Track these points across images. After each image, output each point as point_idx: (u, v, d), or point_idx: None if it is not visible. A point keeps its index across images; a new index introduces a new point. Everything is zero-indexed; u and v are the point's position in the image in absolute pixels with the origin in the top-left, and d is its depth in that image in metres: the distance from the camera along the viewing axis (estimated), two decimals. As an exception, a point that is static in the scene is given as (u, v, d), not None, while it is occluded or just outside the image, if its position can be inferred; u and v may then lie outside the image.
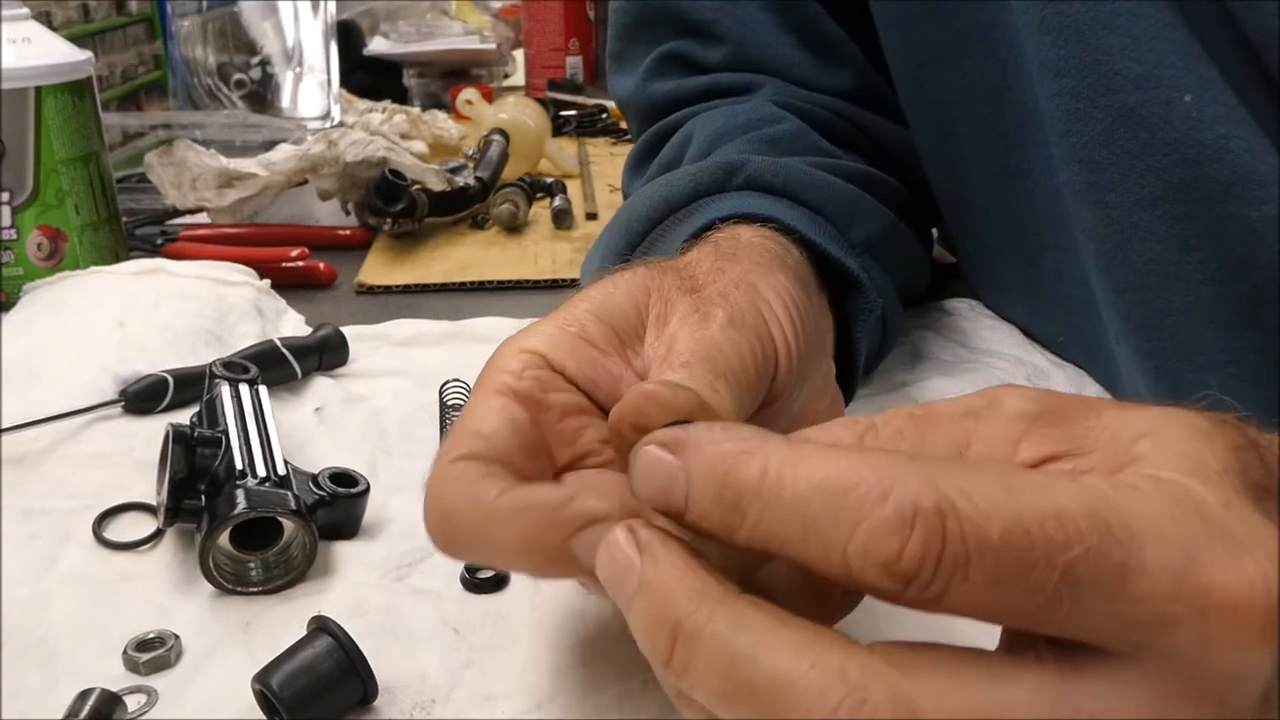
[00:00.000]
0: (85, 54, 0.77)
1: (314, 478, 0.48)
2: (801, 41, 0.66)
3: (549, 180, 1.06)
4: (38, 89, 0.74)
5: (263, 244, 0.86)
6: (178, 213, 0.95)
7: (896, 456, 0.25)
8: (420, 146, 1.10)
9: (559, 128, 1.35)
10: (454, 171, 0.98)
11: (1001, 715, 0.24)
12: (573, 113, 1.44)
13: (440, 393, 0.58)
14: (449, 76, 1.56)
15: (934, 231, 0.78)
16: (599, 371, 0.37)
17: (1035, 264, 0.61)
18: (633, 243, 0.53)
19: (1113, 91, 0.47)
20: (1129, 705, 0.24)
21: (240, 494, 0.44)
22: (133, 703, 0.38)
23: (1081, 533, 0.23)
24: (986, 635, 0.27)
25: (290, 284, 0.79)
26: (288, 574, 0.45)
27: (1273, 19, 0.43)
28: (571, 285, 0.82)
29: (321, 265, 0.83)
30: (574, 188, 1.09)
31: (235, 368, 0.56)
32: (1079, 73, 0.48)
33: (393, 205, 0.91)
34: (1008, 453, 0.28)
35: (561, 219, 0.97)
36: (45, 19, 1.02)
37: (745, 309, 0.38)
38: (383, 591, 0.44)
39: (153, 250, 0.87)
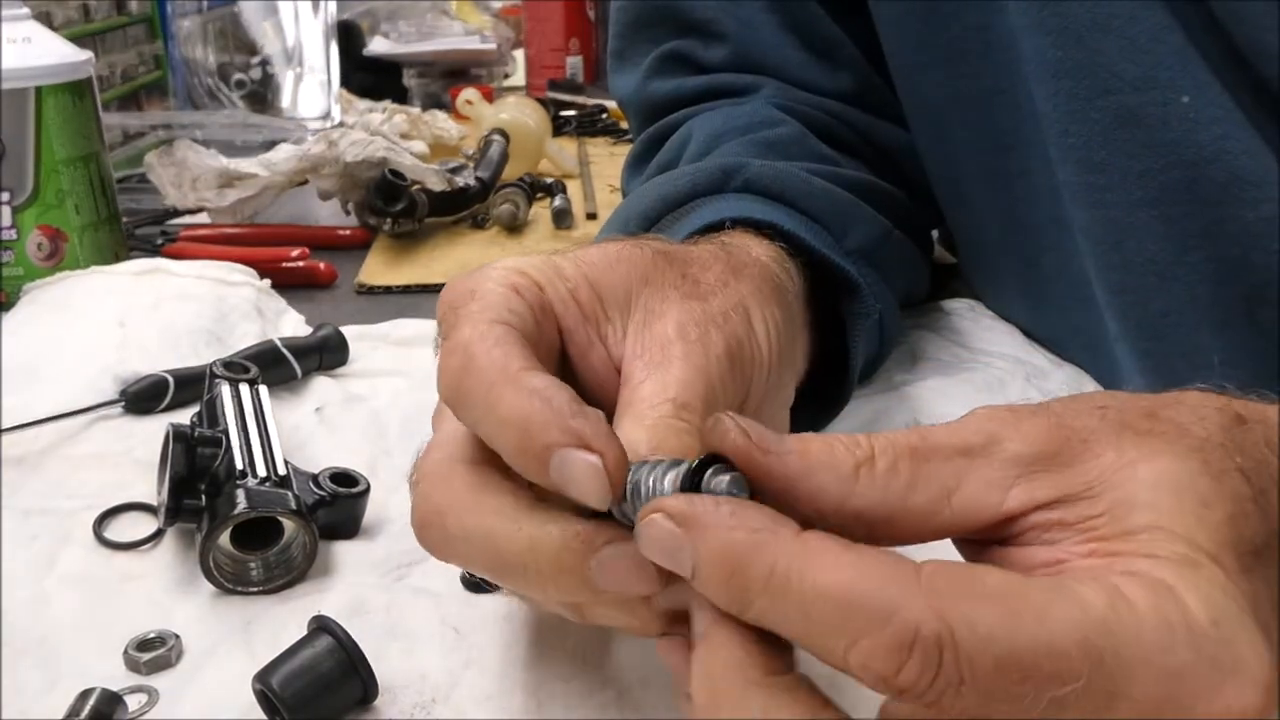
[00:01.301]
0: (85, 54, 0.77)
1: (314, 478, 0.48)
2: (802, 42, 0.66)
3: (549, 180, 1.06)
4: (38, 89, 0.74)
5: (263, 244, 0.86)
6: (178, 213, 0.95)
7: (905, 572, 0.25)
8: (420, 146, 1.10)
9: (559, 128, 1.35)
10: (454, 171, 0.98)
11: None
12: (573, 113, 1.44)
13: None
14: (449, 76, 1.56)
15: (934, 233, 0.78)
16: (578, 333, 0.37)
17: (1034, 264, 0.61)
18: None
19: (1110, 93, 0.47)
20: None
21: (240, 494, 0.45)
22: (133, 702, 0.38)
23: (1074, 669, 0.24)
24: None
25: (290, 284, 0.79)
26: (288, 574, 0.45)
27: (1260, 31, 0.44)
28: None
29: (321, 265, 0.83)
30: (574, 188, 1.09)
31: (235, 368, 0.56)
32: (1077, 74, 0.48)
33: (393, 205, 0.91)
34: (996, 499, 0.29)
35: (561, 219, 0.97)
36: (45, 19, 1.02)
37: (742, 340, 0.39)
38: (383, 591, 0.44)
39: (153, 250, 0.87)
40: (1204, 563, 0.26)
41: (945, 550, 0.30)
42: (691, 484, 0.28)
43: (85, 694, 0.37)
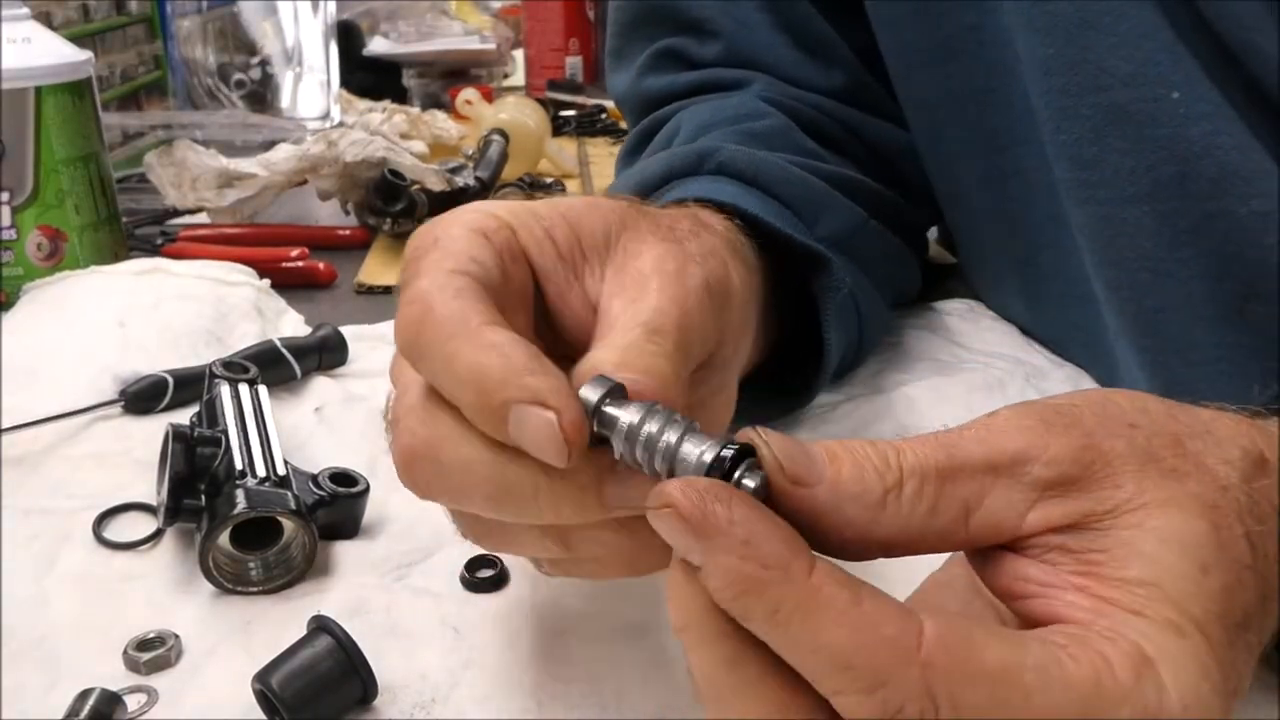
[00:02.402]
0: (85, 54, 0.77)
1: (314, 478, 0.48)
2: (795, 41, 0.67)
3: (549, 180, 1.06)
4: (38, 89, 0.74)
5: (263, 244, 0.86)
6: (178, 213, 0.95)
7: (907, 639, 0.25)
8: (420, 146, 1.10)
9: (559, 128, 1.35)
10: (454, 171, 0.98)
11: None
12: (572, 113, 1.44)
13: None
14: (449, 76, 1.56)
15: (935, 231, 0.78)
16: (555, 274, 0.37)
17: (1031, 262, 0.61)
18: None
19: (1101, 89, 0.48)
20: None
21: (240, 494, 0.45)
22: (133, 702, 0.38)
23: None
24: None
25: (290, 284, 0.79)
26: (288, 574, 0.45)
27: (1245, 30, 0.44)
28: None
29: (321, 265, 0.83)
30: (573, 187, 1.09)
31: (235, 368, 0.56)
32: (1067, 71, 0.49)
33: (392, 205, 0.91)
34: (1013, 522, 0.29)
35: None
36: (45, 19, 1.02)
37: (720, 279, 0.39)
38: (383, 591, 0.44)
39: (153, 250, 0.87)
40: (1190, 632, 0.27)
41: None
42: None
43: (85, 694, 0.37)
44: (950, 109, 0.61)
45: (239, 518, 0.44)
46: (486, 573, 0.45)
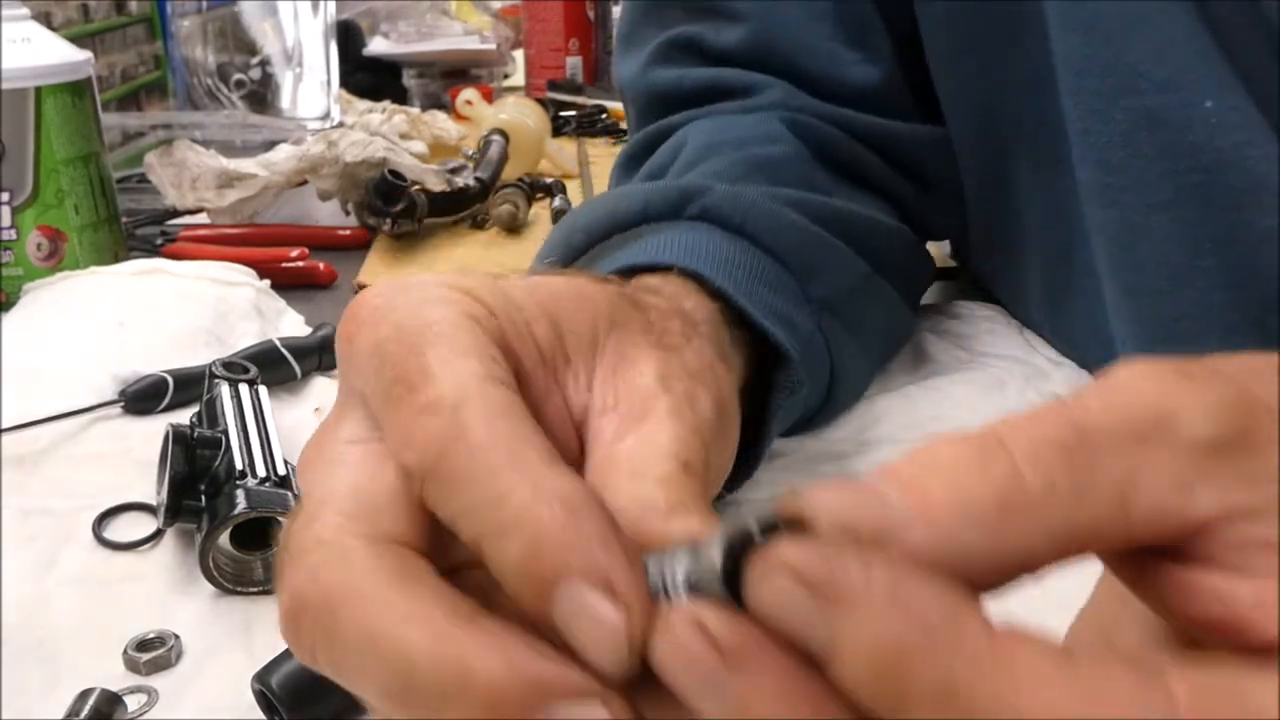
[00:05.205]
0: (85, 54, 0.77)
1: (314, 478, 0.48)
2: (834, 26, 0.61)
3: (549, 180, 1.06)
4: (38, 89, 0.74)
5: (263, 244, 0.86)
6: (178, 213, 0.95)
7: (1152, 696, 0.18)
8: (420, 147, 1.10)
9: (559, 128, 1.35)
10: (454, 172, 0.98)
11: None
12: (572, 113, 1.44)
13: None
14: (449, 76, 1.56)
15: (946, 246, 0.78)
16: (535, 377, 0.30)
17: (1055, 265, 0.59)
18: (571, 256, 0.48)
19: (1135, 93, 0.47)
20: None
21: (240, 494, 0.45)
22: (133, 702, 0.38)
23: None
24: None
25: (290, 284, 0.79)
26: (288, 574, 0.45)
27: None
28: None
29: (321, 265, 0.83)
30: (574, 188, 1.09)
31: (235, 368, 0.56)
32: (1102, 72, 0.48)
33: (392, 205, 0.91)
34: (1179, 506, 0.21)
35: (561, 219, 0.97)
36: (45, 19, 1.02)
37: (726, 401, 0.34)
38: (382, 591, 0.44)
39: (153, 250, 0.87)
40: None
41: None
42: (735, 565, 0.21)
43: (85, 694, 0.37)
44: (995, 102, 0.58)
45: (239, 518, 0.44)
46: (486, 573, 0.45)
